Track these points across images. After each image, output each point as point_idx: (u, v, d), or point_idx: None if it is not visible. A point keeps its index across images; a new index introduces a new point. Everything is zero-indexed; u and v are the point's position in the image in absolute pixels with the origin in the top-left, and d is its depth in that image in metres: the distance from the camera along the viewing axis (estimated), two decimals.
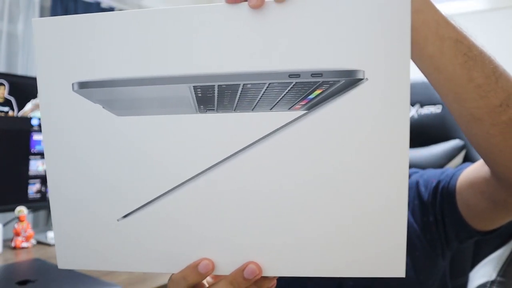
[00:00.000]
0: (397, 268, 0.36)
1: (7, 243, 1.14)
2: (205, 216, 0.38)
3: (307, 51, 0.34)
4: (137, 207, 0.39)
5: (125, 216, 0.39)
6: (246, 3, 0.34)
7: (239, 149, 0.36)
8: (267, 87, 0.35)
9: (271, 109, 0.36)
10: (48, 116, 0.39)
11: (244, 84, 0.35)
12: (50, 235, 1.17)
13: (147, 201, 0.38)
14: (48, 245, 1.14)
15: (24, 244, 1.12)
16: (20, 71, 2.08)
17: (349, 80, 0.34)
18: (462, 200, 0.64)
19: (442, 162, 0.90)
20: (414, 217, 0.71)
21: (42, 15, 2.25)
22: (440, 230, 0.69)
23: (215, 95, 0.36)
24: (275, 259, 0.37)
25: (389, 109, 0.34)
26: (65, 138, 0.39)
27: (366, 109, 0.34)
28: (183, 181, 0.37)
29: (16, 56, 2.12)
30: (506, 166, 0.49)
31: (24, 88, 1.24)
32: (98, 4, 2.41)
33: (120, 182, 0.39)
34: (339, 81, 0.34)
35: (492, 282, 0.77)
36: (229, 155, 0.36)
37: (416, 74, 0.45)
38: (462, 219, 0.64)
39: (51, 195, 0.41)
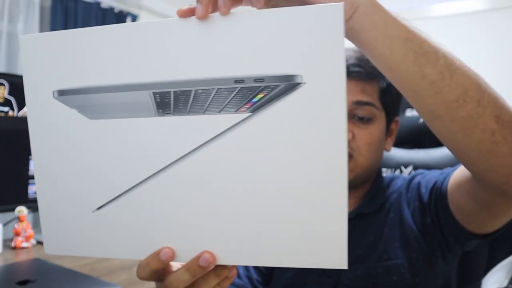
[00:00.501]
0: (339, 260, 0.39)
1: (7, 243, 1.15)
2: (167, 209, 0.43)
3: (251, 58, 0.38)
4: (109, 199, 0.44)
5: (99, 208, 0.44)
6: (194, 16, 0.39)
7: (191, 149, 0.41)
8: (216, 92, 0.39)
9: (220, 111, 0.40)
10: (34, 120, 0.45)
11: (195, 90, 0.39)
12: None
13: (117, 195, 0.44)
14: None
15: (24, 244, 1.13)
16: (20, 71, 2.09)
17: (288, 84, 0.38)
18: (452, 201, 0.63)
19: (455, 162, 0.88)
20: (414, 219, 0.69)
21: (42, 15, 2.26)
22: (437, 231, 0.67)
23: (171, 100, 0.40)
24: (228, 249, 0.42)
25: (326, 109, 0.38)
26: (49, 139, 0.45)
27: (305, 110, 0.38)
28: (146, 177, 0.43)
29: (16, 56, 2.14)
30: (474, 163, 0.49)
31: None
32: (98, 4, 2.42)
33: (95, 176, 0.44)
34: (279, 85, 0.38)
35: None
36: (182, 154, 0.41)
37: None
38: (456, 220, 0.63)
39: (37, 185, 0.46)
